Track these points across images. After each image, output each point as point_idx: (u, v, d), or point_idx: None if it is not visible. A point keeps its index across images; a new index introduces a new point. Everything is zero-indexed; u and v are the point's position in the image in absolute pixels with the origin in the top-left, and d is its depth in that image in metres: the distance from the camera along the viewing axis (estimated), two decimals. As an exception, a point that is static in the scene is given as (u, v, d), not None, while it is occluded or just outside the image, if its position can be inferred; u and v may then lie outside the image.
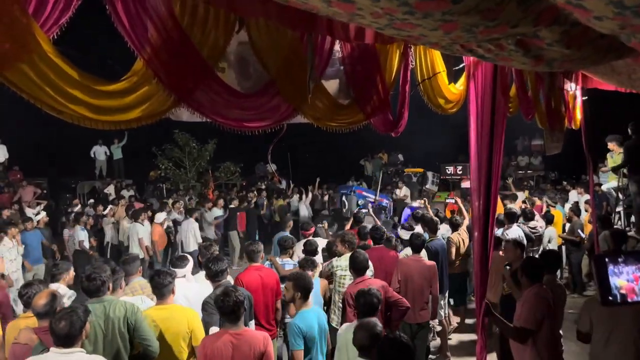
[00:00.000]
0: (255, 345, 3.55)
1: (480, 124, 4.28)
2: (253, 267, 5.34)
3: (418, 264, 5.76)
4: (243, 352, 3.50)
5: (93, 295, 3.87)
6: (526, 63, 2.83)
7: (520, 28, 2.29)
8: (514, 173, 20.39)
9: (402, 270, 5.69)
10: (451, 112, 5.55)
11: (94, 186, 19.08)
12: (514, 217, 8.26)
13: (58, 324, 3.12)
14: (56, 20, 2.81)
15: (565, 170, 20.40)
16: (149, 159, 19.05)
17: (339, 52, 4.42)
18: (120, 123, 3.09)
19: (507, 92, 5.56)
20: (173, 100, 3.26)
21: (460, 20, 2.14)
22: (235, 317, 3.59)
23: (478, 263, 4.24)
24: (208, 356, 3.50)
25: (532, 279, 4.28)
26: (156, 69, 3.13)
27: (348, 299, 4.68)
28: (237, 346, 3.50)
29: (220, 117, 3.54)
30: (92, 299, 3.86)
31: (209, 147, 18.95)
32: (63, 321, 3.12)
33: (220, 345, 3.50)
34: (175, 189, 18.11)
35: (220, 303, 3.56)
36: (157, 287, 4.15)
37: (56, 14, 2.79)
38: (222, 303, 3.55)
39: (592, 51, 2.67)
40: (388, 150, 21.99)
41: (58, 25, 2.82)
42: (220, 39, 3.46)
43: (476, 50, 2.74)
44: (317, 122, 4.29)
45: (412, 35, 2.47)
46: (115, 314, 3.77)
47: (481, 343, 4.22)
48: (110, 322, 3.75)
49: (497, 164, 4.24)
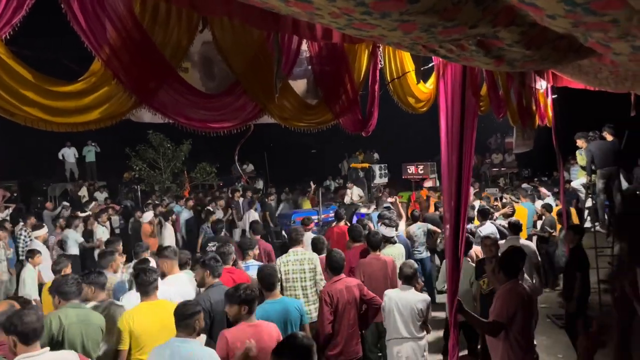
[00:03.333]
0: (272, 335, 3.71)
1: (451, 123, 4.30)
2: (225, 269, 5.27)
3: (378, 262, 5.77)
4: (264, 341, 3.59)
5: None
6: (489, 63, 2.84)
7: (479, 29, 2.28)
8: (488, 170, 20.67)
9: (364, 270, 5.69)
10: (422, 111, 5.57)
11: (66, 188, 18.67)
12: (487, 214, 8.35)
13: (24, 319, 3.01)
14: (8, 20, 2.70)
15: (538, 167, 20.74)
16: (122, 160, 18.74)
17: (306, 52, 4.39)
18: (78, 125, 3.00)
19: (477, 92, 5.61)
20: (134, 102, 3.19)
21: (418, 21, 2.13)
22: (252, 310, 3.71)
23: (450, 260, 4.26)
24: (230, 348, 3.53)
25: (508, 274, 4.35)
26: (115, 69, 3.05)
27: (325, 297, 4.67)
28: (258, 337, 3.59)
29: (183, 118, 3.47)
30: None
31: (183, 147, 18.73)
32: (28, 317, 3.02)
33: (242, 337, 3.57)
34: (150, 191, 17.85)
35: (250, 296, 3.67)
36: (144, 284, 4.13)
37: (9, 14, 2.69)
38: (249, 295, 3.67)
39: (551, 51, 2.68)
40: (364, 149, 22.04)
41: (10, 25, 2.71)
42: (183, 39, 3.40)
43: (439, 50, 2.73)
44: (285, 123, 4.25)
45: (373, 35, 2.45)
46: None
47: (453, 340, 4.24)
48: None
49: (468, 163, 4.26)
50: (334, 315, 4.64)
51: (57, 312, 3.81)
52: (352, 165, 18.05)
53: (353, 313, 4.73)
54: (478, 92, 5.86)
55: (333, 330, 4.63)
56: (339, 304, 4.63)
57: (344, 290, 4.69)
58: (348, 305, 4.68)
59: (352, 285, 4.80)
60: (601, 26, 1.85)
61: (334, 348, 4.65)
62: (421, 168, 16.54)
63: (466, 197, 4.32)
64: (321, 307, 4.73)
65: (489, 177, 20.23)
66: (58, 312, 3.80)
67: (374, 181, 16.65)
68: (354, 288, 4.78)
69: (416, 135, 17.66)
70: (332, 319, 4.62)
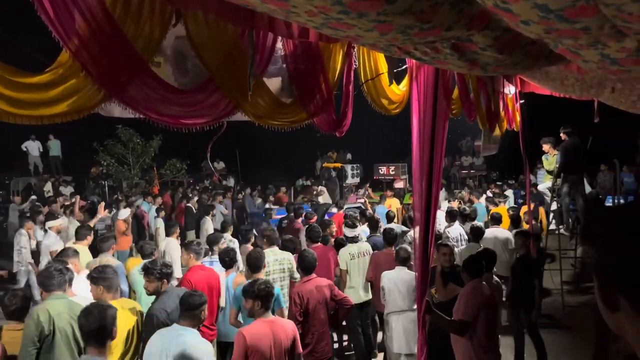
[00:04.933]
0: (288, 330, 3.79)
1: (422, 125, 4.34)
2: (197, 267, 5.23)
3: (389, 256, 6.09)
4: (280, 337, 3.69)
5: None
6: (462, 67, 2.87)
7: (454, 32, 2.31)
8: (457, 172, 21.00)
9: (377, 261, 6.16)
10: (394, 112, 5.60)
11: (30, 182, 18.07)
12: (455, 216, 8.48)
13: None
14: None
15: (507, 170, 21.18)
16: (89, 155, 18.25)
17: (281, 50, 4.36)
18: (44, 118, 2.90)
19: (449, 95, 5.68)
20: (103, 95, 3.10)
21: (395, 22, 2.13)
22: (268, 306, 3.76)
23: (419, 261, 4.30)
24: (249, 346, 3.56)
25: (471, 274, 4.45)
26: (84, 61, 2.96)
27: (295, 298, 4.66)
28: (275, 332, 3.67)
29: (154, 113, 3.40)
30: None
31: (153, 143, 18.35)
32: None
33: (260, 333, 3.63)
34: (118, 187, 17.46)
35: (263, 291, 3.71)
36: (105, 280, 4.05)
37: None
38: (263, 291, 3.72)
39: (523, 57, 2.73)
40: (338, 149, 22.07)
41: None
42: (156, 32, 3.32)
43: (413, 52, 2.75)
44: (259, 121, 4.21)
45: (349, 35, 2.45)
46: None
47: (421, 340, 4.29)
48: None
49: (439, 164, 4.31)
50: (304, 316, 4.63)
51: (43, 305, 3.74)
52: (324, 164, 18.06)
53: (323, 313, 4.73)
54: (450, 94, 5.95)
55: (302, 330, 4.62)
56: (309, 304, 4.63)
57: (314, 291, 4.69)
58: (318, 305, 4.68)
59: (323, 285, 4.81)
60: (573, 33, 1.90)
61: (304, 348, 4.64)
62: (392, 169, 16.70)
63: (436, 198, 4.37)
64: (290, 307, 4.73)
65: (459, 179, 20.56)
66: (44, 305, 3.73)
67: (346, 181, 16.64)
68: (325, 288, 4.79)
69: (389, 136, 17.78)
70: (301, 320, 4.61)
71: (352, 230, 6.74)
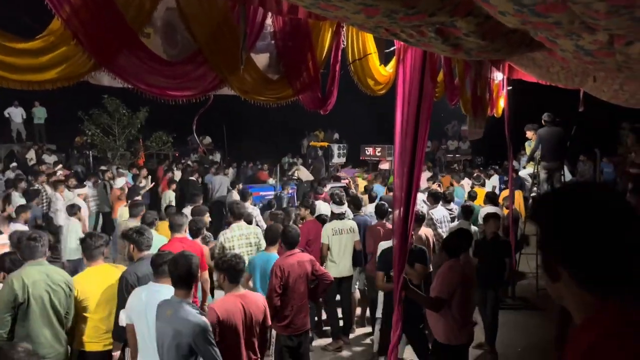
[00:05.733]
0: (259, 303, 3.87)
1: (407, 107, 4.41)
2: (177, 239, 5.28)
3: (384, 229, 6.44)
4: (251, 310, 3.74)
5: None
6: (446, 50, 2.95)
7: (438, 17, 2.38)
8: (443, 156, 21.20)
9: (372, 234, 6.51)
10: (380, 93, 5.66)
11: (12, 150, 17.84)
12: (438, 198, 8.63)
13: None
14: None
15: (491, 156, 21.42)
16: (74, 123, 17.97)
17: (270, 27, 4.38)
18: (33, 83, 2.93)
19: (435, 78, 5.75)
20: (93, 64, 3.13)
21: (381, 6, 2.20)
22: (235, 280, 3.78)
23: (398, 240, 4.43)
24: (222, 319, 3.60)
25: (450, 254, 4.60)
26: (75, 29, 2.99)
27: (276, 271, 4.76)
28: (246, 306, 3.72)
29: (142, 83, 3.44)
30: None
31: (140, 114, 18.07)
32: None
33: (232, 307, 3.67)
34: (103, 157, 17.31)
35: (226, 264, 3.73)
36: (89, 248, 4.17)
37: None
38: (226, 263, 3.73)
39: (505, 43, 2.82)
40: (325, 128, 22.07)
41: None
42: (146, 3, 3.35)
43: (400, 34, 2.82)
44: (245, 96, 4.25)
45: (338, 15, 2.51)
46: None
47: (397, 315, 4.44)
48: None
49: (422, 147, 4.40)
50: (284, 289, 4.74)
51: (18, 272, 3.77)
52: (311, 143, 18.07)
53: (303, 287, 4.86)
54: (436, 77, 6.02)
55: (282, 302, 4.74)
56: (290, 277, 4.73)
57: (295, 265, 4.79)
58: (299, 279, 4.79)
59: (305, 260, 4.91)
60: (546, 26, 1.98)
61: (283, 320, 4.77)
62: (379, 150, 16.80)
63: (417, 180, 4.47)
64: (271, 280, 4.83)
65: (444, 163, 20.78)
66: (20, 272, 3.76)
67: (332, 160, 16.75)
68: (307, 263, 4.90)
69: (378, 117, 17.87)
70: (280, 292, 4.72)
71: (339, 207, 6.90)
